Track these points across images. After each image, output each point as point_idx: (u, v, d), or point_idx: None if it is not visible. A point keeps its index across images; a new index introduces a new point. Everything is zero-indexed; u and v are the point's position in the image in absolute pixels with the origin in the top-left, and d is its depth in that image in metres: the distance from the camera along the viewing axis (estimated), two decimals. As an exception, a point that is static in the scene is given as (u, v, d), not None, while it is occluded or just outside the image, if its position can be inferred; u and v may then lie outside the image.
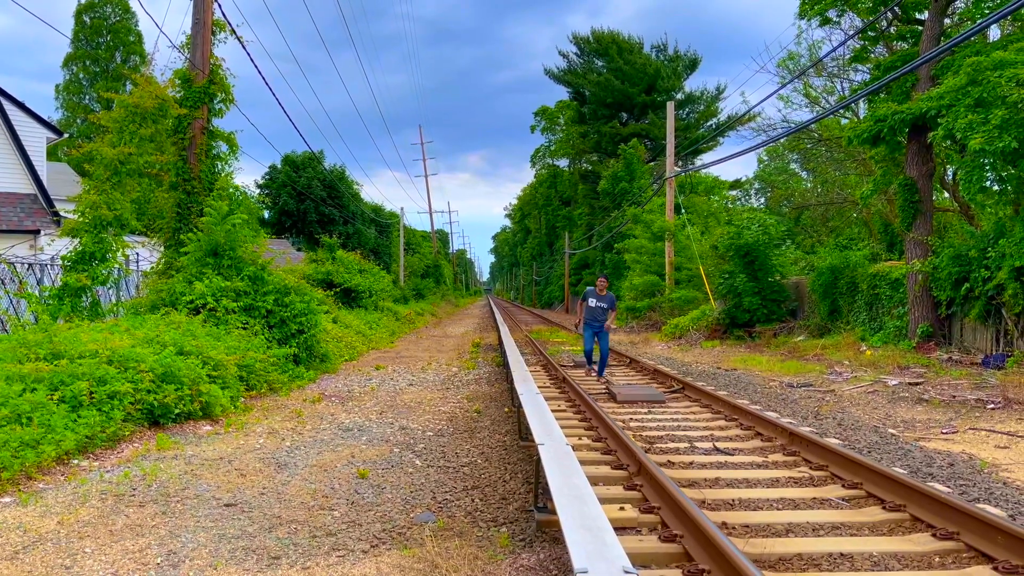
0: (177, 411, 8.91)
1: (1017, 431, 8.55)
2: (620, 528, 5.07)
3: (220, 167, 15.95)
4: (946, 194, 23.87)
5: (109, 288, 16.31)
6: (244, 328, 12.92)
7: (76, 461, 7.18)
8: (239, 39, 15.88)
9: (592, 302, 13.90)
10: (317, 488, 6.35)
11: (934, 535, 4.84)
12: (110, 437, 7.79)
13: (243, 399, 10.66)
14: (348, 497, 6.10)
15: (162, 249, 15.82)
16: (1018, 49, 13.46)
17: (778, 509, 5.63)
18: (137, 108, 14.81)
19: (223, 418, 9.46)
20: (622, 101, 58.17)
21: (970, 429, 8.76)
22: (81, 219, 14.08)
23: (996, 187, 14.45)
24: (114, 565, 4.59)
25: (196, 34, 15.42)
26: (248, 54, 15.30)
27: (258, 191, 43.13)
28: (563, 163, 74.49)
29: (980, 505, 5.35)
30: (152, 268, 16.39)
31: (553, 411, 8.46)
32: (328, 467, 7.11)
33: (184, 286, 13.37)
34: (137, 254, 19.93)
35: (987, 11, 16.28)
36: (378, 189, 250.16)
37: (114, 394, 8.10)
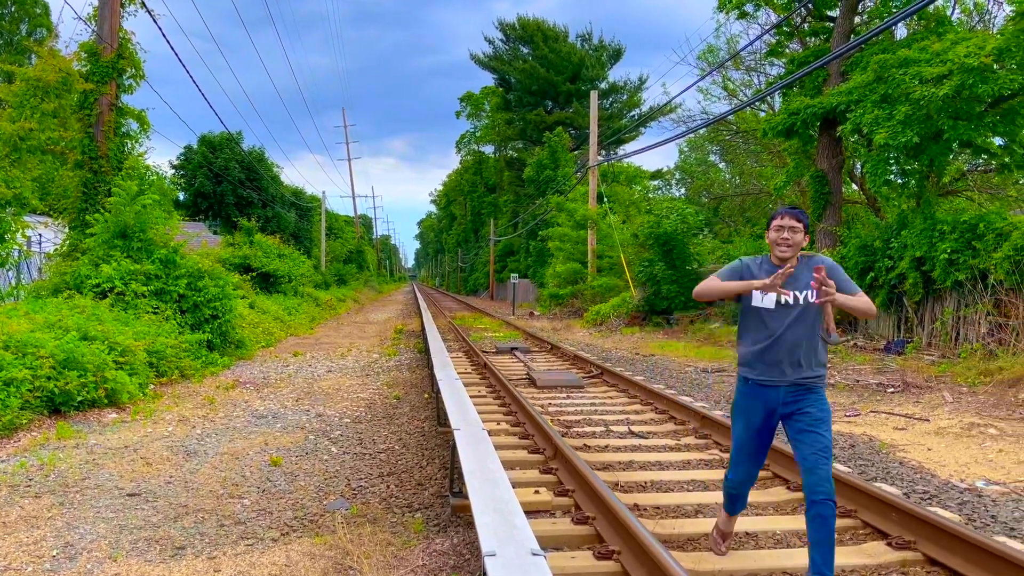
0: (80, 398, 8.54)
1: (914, 413, 8.97)
2: (535, 511, 5.11)
3: (130, 146, 15.36)
4: (855, 186, 24.79)
5: (8, 270, 15.54)
6: (154, 313, 12.49)
7: (-32, 452, 6.81)
8: (149, 12, 15.28)
9: (766, 299, 3.94)
10: (227, 476, 6.19)
11: (834, 513, 5.03)
12: (6, 426, 7.42)
13: (152, 386, 10.31)
14: (259, 485, 5.96)
15: (66, 230, 15.14)
16: (921, 48, 14.04)
17: (689, 491, 5.77)
18: (39, 82, 14.09)
19: (130, 405, 9.12)
20: (547, 89, 58.39)
21: (871, 412, 9.15)
22: (-23, 197, 13.33)
23: (899, 180, 15.08)
24: (7, 558, 4.37)
25: (103, 6, 14.73)
26: (159, 28, 14.71)
27: (172, 172, 41.59)
28: (489, 150, 74.40)
29: (877, 484, 5.58)
30: (55, 250, 15.66)
31: (473, 397, 8.46)
32: (240, 455, 6.94)
33: (90, 269, 12.83)
34: (39, 235, 19.07)
35: (894, 10, 16.93)
36: (299, 172, 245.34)
37: (10, 381, 7.71)
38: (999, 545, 4.00)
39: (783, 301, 3.89)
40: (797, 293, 3.89)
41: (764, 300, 3.93)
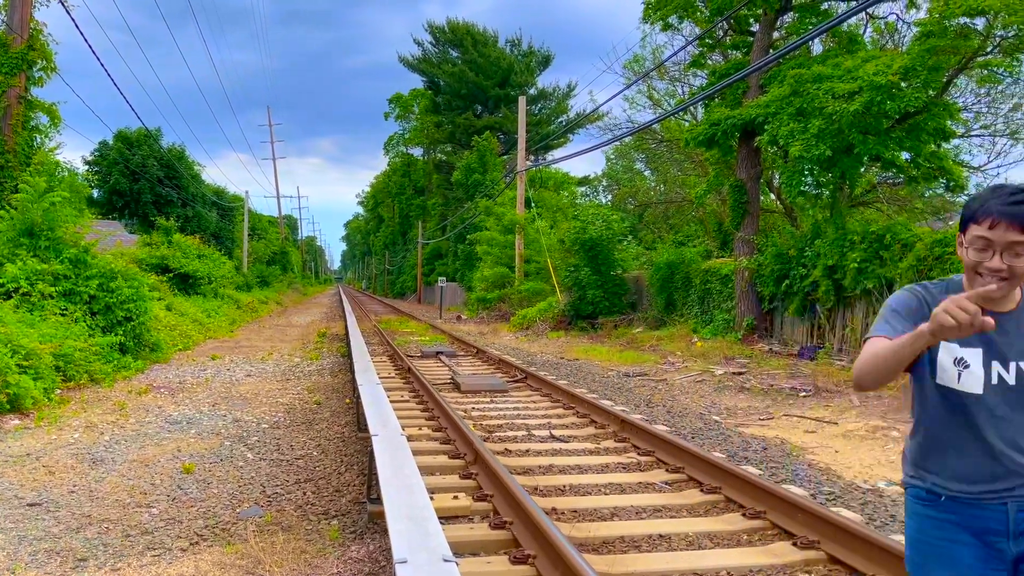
0: (-21, 404, 8.15)
1: (823, 417, 9.31)
2: (453, 517, 5.11)
3: (39, 140, 14.83)
4: (772, 196, 25.55)
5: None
6: (63, 315, 12.00)
7: None
8: (62, 3, 14.70)
9: (965, 375, 2.08)
10: (135, 484, 5.99)
11: (744, 515, 5.18)
12: None
13: (59, 391, 9.90)
14: (169, 493, 5.79)
15: (-32, 227, 14.42)
16: (834, 64, 14.58)
17: (606, 494, 5.85)
18: (-60, 71, 13.44)
19: (34, 411, 8.74)
20: (476, 93, 58.44)
21: (784, 415, 9.45)
22: None
23: (814, 191, 15.62)
24: None
25: (12, -7, 14.13)
26: (72, 20, 14.23)
27: (86, 168, 40.03)
28: (418, 152, 73.86)
29: (785, 486, 5.76)
30: (-44, 248, 14.90)
31: (396, 402, 8.40)
32: (150, 462, 6.72)
33: (-7, 268, 12.25)
34: (-61, 232, 18.06)
35: (810, 27, 17.53)
36: (221, 171, 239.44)
37: (-98, 386, 7.31)
38: (895, 543, 4.18)
39: (995, 378, 2.08)
40: (1022, 364, 2.08)
41: (964, 378, 2.10)
